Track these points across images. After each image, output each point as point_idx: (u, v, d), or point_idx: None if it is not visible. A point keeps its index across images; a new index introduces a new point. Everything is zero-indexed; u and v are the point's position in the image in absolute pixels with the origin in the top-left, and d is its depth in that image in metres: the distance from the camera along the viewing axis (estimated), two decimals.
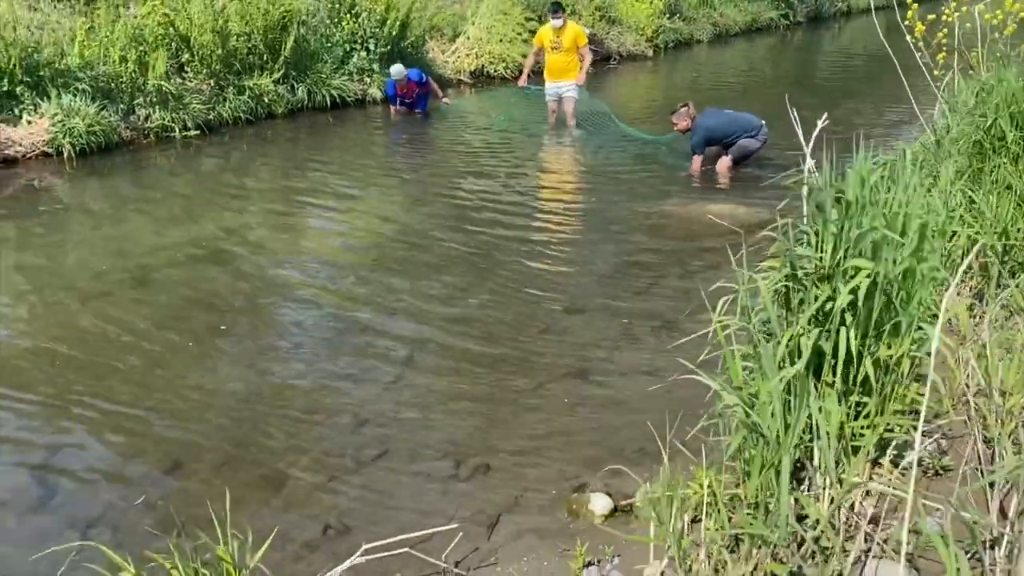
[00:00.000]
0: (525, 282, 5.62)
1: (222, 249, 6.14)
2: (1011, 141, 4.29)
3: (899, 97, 11.11)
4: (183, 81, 9.25)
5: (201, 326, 5.00)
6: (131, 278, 5.64)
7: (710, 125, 7.73)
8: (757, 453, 2.58)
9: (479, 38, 12.50)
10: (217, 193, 7.46)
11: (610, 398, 4.25)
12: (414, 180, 8.07)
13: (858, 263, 2.51)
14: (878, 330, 2.67)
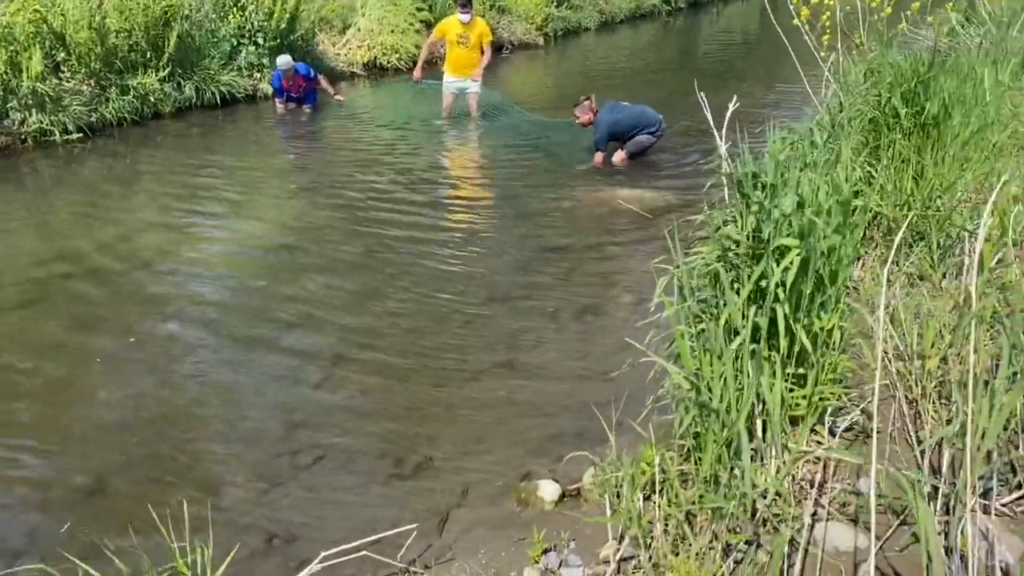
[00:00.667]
0: (440, 277, 5.57)
1: (110, 262, 5.76)
2: (904, 117, 4.54)
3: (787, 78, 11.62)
4: (60, 82, 8.73)
5: (100, 343, 4.74)
6: (14, 296, 5.29)
7: (613, 120, 7.78)
8: (708, 429, 2.66)
9: (370, 29, 12.31)
10: (100, 202, 6.98)
11: (543, 386, 4.28)
12: (309, 180, 7.75)
13: (787, 242, 2.61)
14: (809, 304, 2.79)
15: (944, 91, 4.51)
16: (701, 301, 2.93)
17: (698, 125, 9.54)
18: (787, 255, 2.59)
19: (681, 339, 2.70)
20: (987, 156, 4.69)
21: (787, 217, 2.54)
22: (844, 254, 2.66)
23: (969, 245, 3.90)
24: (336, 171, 7.95)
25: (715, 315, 2.82)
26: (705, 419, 2.64)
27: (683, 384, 2.72)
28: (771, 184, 2.65)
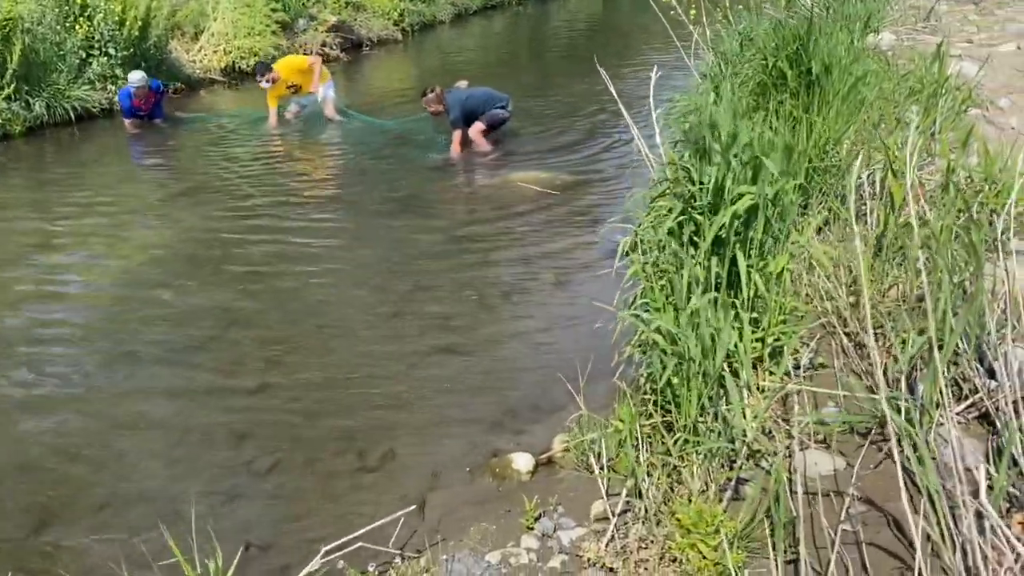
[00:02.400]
0: (353, 275, 5.48)
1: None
2: (791, 79, 4.85)
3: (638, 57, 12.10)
4: None
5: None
6: None
7: (464, 98, 7.77)
8: (685, 378, 2.79)
9: (224, 33, 11.86)
10: None
11: (488, 364, 4.33)
12: (172, 197, 7.25)
13: (743, 189, 2.78)
14: (761, 249, 2.97)
15: (823, 53, 4.84)
16: (668, 255, 3.05)
17: (555, 107, 9.80)
18: (742, 201, 2.74)
19: (652, 293, 2.81)
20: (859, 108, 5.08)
21: (746, 165, 2.69)
22: (790, 199, 2.84)
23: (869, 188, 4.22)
24: (203, 186, 7.51)
25: (678, 269, 2.95)
26: (681, 369, 2.76)
27: (657, 338, 2.83)
28: (729, 134, 2.79)
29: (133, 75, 8.95)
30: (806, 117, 4.77)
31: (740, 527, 2.43)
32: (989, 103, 6.15)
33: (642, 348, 3.05)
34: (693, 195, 3.00)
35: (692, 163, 3.09)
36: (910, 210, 3.12)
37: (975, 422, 2.75)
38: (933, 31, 9.68)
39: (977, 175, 3.98)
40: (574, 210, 6.37)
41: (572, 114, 9.41)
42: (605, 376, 3.86)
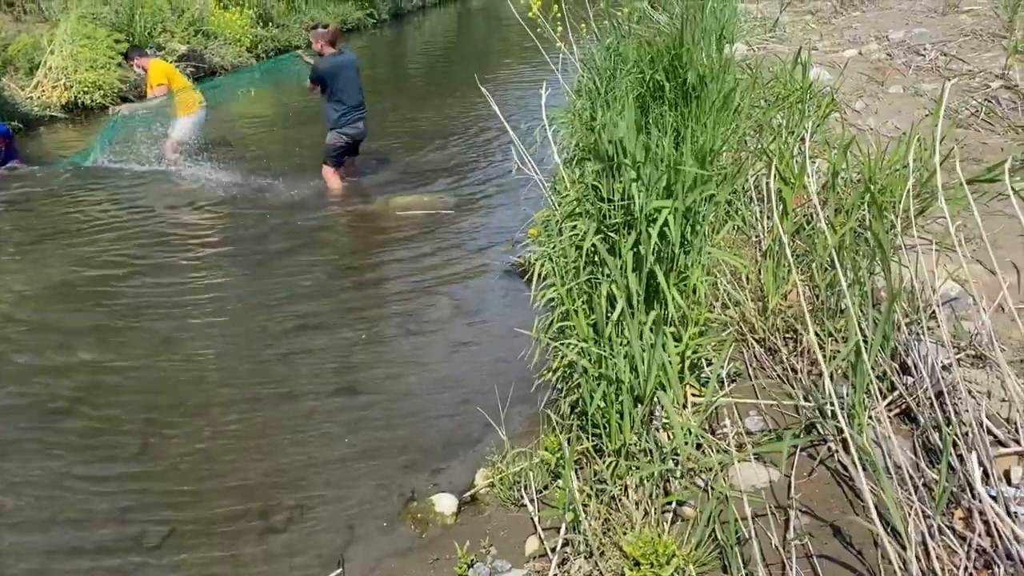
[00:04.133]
0: (231, 322, 5.08)
1: None
2: (668, 91, 4.90)
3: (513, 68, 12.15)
4: None
5: None
6: None
7: (339, 70, 6.90)
8: (611, 401, 2.69)
9: (64, 67, 11.06)
10: None
11: (391, 403, 4.11)
12: (28, 244, 6.59)
13: (660, 204, 2.72)
14: (675, 263, 2.92)
15: (696, 64, 4.93)
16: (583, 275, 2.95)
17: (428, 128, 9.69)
18: (658, 216, 2.68)
19: (576, 317, 2.70)
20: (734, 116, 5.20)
21: (659, 179, 2.63)
22: (704, 209, 2.81)
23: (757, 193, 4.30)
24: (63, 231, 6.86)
25: (594, 289, 2.86)
26: (610, 391, 2.67)
27: (582, 360, 2.72)
28: (641, 148, 2.73)
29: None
30: (689, 127, 4.84)
31: (689, 553, 2.34)
32: (845, 106, 6.46)
33: (563, 372, 2.94)
34: (605, 213, 2.93)
35: (599, 180, 3.02)
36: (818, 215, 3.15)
37: (896, 419, 2.78)
38: (780, 40, 10.19)
39: (856, 176, 4.12)
40: (462, 233, 6.24)
41: (447, 135, 9.31)
42: (519, 404, 3.75)
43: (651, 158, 2.74)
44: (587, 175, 3.22)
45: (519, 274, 5.34)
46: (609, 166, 3.01)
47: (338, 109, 6.90)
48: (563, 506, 2.59)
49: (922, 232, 3.77)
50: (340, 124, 6.93)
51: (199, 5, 14.13)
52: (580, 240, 3.04)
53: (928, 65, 7.87)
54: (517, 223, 6.34)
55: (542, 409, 3.11)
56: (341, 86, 6.87)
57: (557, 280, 2.89)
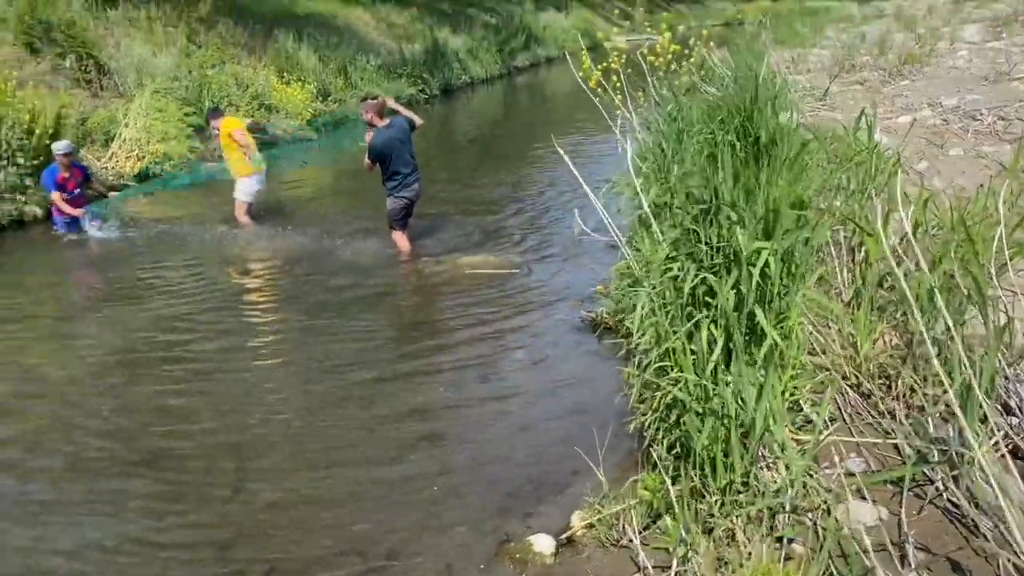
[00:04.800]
0: (310, 372, 5.22)
1: None
2: (739, 149, 5.03)
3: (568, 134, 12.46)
4: None
5: None
6: None
7: (391, 143, 7.16)
8: (717, 439, 2.74)
9: (137, 139, 11.58)
10: None
11: (475, 449, 4.18)
12: (104, 302, 6.88)
13: (760, 245, 2.81)
14: (773, 305, 3.00)
15: (767, 124, 5.07)
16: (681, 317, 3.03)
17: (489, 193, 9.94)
18: (759, 257, 2.77)
19: (681, 356, 2.77)
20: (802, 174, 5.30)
21: (760, 220, 2.73)
22: (803, 252, 2.89)
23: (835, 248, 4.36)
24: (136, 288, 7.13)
25: (696, 330, 2.93)
26: (717, 429, 2.72)
27: (685, 398, 2.78)
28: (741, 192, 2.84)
29: (58, 144, 8.65)
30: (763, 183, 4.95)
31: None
32: (909, 167, 6.54)
33: (663, 412, 3.00)
34: (702, 256, 3.03)
35: (697, 224, 3.13)
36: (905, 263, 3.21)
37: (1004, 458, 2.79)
38: (831, 108, 10.36)
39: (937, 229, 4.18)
40: (529, 291, 6.36)
41: (505, 199, 9.55)
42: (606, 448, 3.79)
43: (750, 202, 2.85)
44: (681, 221, 3.34)
45: (591, 328, 5.43)
46: (706, 211, 3.11)
47: (395, 178, 7.19)
48: (674, 542, 2.62)
49: (1006, 282, 3.81)
50: (398, 190, 7.20)
51: (262, 80, 14.75)
52: (681, 282, 3.13)
53: (986, 129, 7.95)
54: (582, 280, 6.46)
55: (639, 449, 3.15)
56: (395, 157, 7.18)
57: (659, 320, 2.97)
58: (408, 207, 7.36)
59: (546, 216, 8.73)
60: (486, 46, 27.44)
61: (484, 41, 27.70)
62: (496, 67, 27.33)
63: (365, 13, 23.92)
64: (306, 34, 18.02)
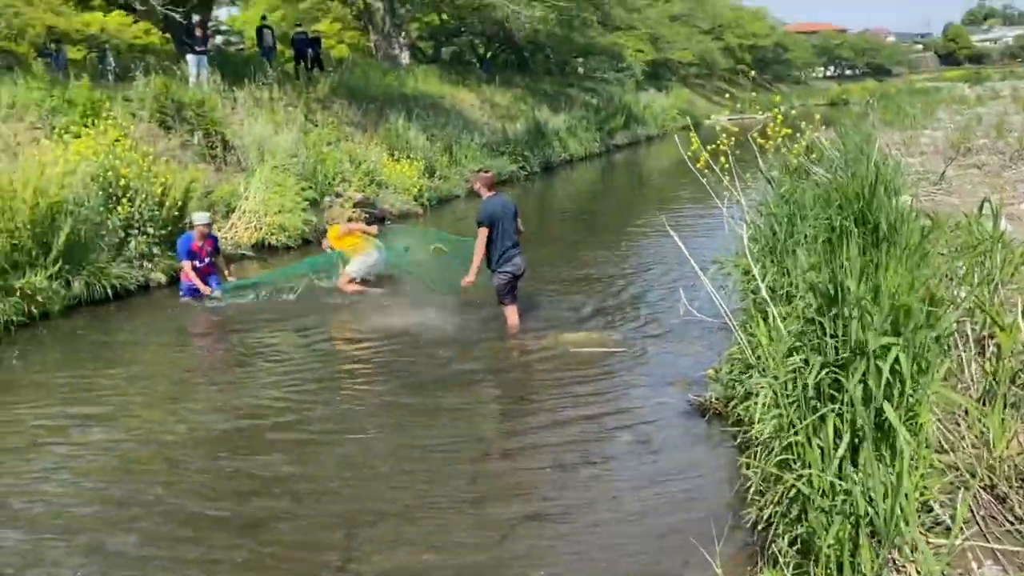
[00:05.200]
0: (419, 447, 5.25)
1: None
2: (857, 236, 4.94)
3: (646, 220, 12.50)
4: None
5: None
6: None
7: (499, 214, 7.40)
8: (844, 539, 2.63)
9: (256, 211, 12.22)
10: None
11: (581, 534, 4.11)
12: (215, 369, 7.20)
13: (886, 340, 2.74)
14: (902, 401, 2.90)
15: (887, 210, 4.97)
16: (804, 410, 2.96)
17: (587, 270, 9.99)
18: (888, 353, 2.70)
19: (806, 449, 2.70)
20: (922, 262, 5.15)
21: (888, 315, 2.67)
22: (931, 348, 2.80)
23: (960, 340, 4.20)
24: (247, 358, 7.39)
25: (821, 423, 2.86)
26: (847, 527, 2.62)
27: (810, 491, 2.70)
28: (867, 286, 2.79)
29: (197, 215, 9.28)
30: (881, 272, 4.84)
31: None
32: None
33: (786, 506, 2.91)
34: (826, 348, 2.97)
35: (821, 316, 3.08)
36: None
37: None
38: (948, 193, 10.06)
39: None
40: (633, 371, 6.32)
41: (607, 276, 9.61)
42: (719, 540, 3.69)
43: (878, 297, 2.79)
44: (805, 310, 3.29)
45: (699, 412, 5.34)
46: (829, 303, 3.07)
47: (498, 249, 7.33)
48: None
49: None
50: (500, 263, 7.33)
51: (374, 157, 15.40)
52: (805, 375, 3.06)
53: None
54: (688, 362, 6.38)
55: (756, 543, 3.05)
56: (500, 228, 7.32)
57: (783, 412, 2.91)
58: (513, 281, 7.47)
59: (649, 294, 8.71)
60: (586, 125, 28.00)
61: (584, 120, 28.26)
62: (595, 145, 27.81)
63: (470, 94, 24.84)
64: (415, 114, 18.80)
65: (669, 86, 46.44)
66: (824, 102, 58.48)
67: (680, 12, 49.12)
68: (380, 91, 19.80)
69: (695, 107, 43.98)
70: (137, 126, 12.38)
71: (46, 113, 11.60)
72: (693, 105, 44.68)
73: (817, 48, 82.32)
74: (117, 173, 10.08)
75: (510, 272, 7.39)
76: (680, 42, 47.40)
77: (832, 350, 2.94)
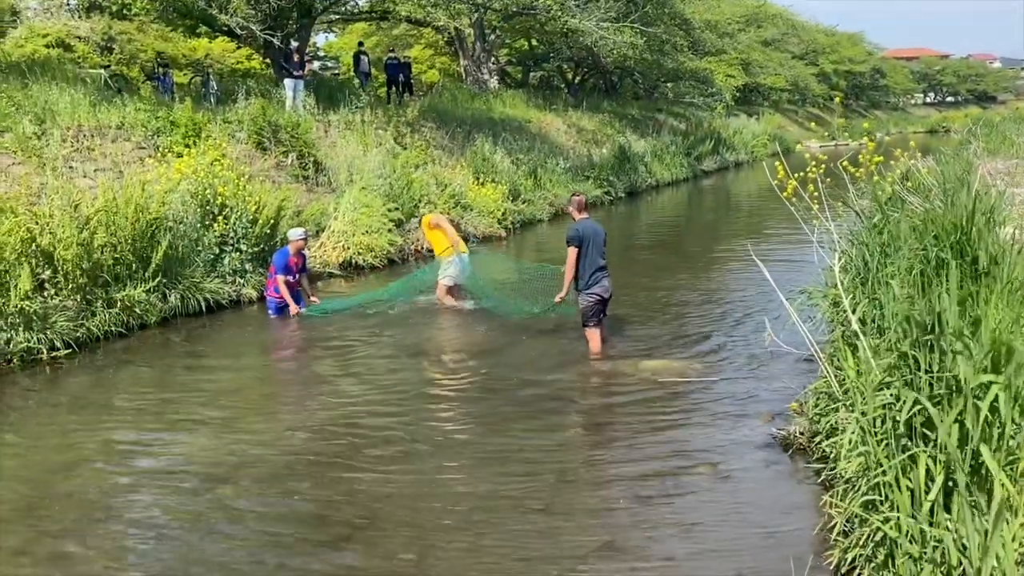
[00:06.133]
0: (495, 464, 5.30)
1: (83, 489, 5.22)
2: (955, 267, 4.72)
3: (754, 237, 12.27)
4: (45, 299, 8.46)
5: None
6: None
7: (590, 235, 7.46)
8: None
9: (344, 231, 12.51)
10: (78, 426, 6.31)
11: (657, 568, 4.02)
12: (306, 383, 7.39)
13: (986, 378, 2.59)
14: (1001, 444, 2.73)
15: (987, 243, 4.74)
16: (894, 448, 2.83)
17: (669, 296, 9.84)
18: (987, 392, 2.55)
19: (895, 491, 2.57)
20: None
21: (987, 351, 2.53)
22: None
23: None
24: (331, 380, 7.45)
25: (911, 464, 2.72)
26: None
27: (897, 536, 2.57)
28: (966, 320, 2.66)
29: (294, 231, 9.63)
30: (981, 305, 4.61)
31: None
32: None
33: (872, 549, 2.77)
34: (919, 384, 2.83)
35: (916, 351, 2.94)
36: None
37: None
38: None
39: None
40: (714, 402, 6.17)
41: (690, 304, 9.47)
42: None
43: (978, 332, 2.65)
44: (897, 343, 3.14)
45: (782, 447, 5.17)
46: (924, 335, 2.93)
47: (587, 271, 7.31)
48: None
49: None
50: (589, 285, 7.31)
51: (460, 181, 15.59)
52: (896, 411, 2.93)
53: None
54: (771, 394, 6.20)
55: None
56: (588, 249, 7.34)
57: (871, 449, 2.78)
58: (600, 304, 7.46)
59: (732, 323, 8.52)
60: (673, 150, 27.75)
61: (671, 145, 28.02)
62: (682, 170, 27.52)
63: (557, 118, 24.94)
64: (501, 138, 18.99)
65: (760, 112, 45.68)
66: (922, 130, 56.60)
67: (772, 37, 48.34)
68: (468, 115, 20.08)
69: (786, 133, 43.14)
70: (235, 147, 12.86)
71: (151, 133, 12.16)
72: (784, 131, 43.84)
73: (917, 74, 79.89)
74: (214, 191, 10.49)
75: (598, 294, 7.39)
76: (772, 67, 46.64)
77: (927, 386, 2.80)
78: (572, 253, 7.37)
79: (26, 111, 11.23)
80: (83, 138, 11.27)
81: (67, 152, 10.78)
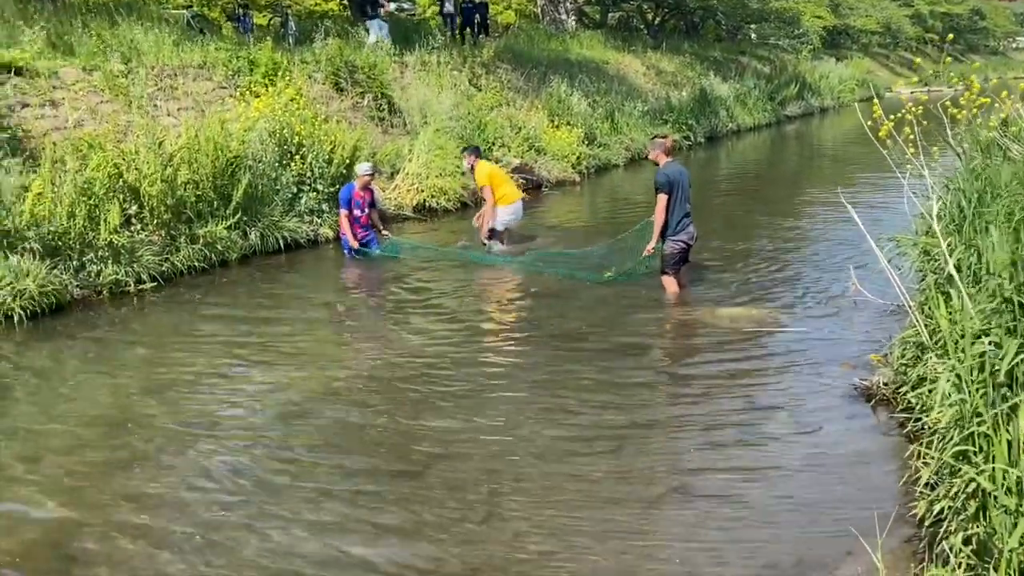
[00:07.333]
0: (565, 407, 5.27)
1: (167, 417, 5.45)
2: None
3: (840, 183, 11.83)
4: (131, 233, 8.73)
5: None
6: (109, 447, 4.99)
7: (676, 179, 7.29)
8: None
9: (418, 173, 12.51)
10: (166, 355, 6.57)
11: (728, 512, 3.96)
12: (376, 321, 7.49)
13: None
14: None
15: None
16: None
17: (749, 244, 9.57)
18: None
19: (996, 443, 2.44)
20: None
21: None
22: None
23: None
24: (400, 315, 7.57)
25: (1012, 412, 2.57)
26: None
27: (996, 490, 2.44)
28: None
29: (361, 165, 9.75)
30: None
31: None
32: None
33: (962, 501, 2.65)
34: None
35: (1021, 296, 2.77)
36: None
37: None
38: None
39: None
40: (792, 351, 6.00)
41: (769, 251, 9.21)
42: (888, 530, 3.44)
43: None
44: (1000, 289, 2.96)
45: (864, 397, 5.01)
46: None
47: (675, 217, 7.14)
48: None
49: None
50: (676, 232, 7.15)
51: (534, 123, 15.39)
52: (995, 359, 2.77)
53: None
54: (854, 345, 6.00)
55: (923, 539, 2.81)
56: (677, 196, 7.12)
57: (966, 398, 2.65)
58: (684, 251, 7.32)
59: (815, 271, 8.26)
60: (756, 94, 26.84)
61: (755, 89, 27.10)
62: (765, 115, 26.64)
63: (635, 60, 24.33)
64: (578, 80, 18.63)
65: (848, 55, 43.72)
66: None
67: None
68: (544, 56, 19.73)
69: (876, 78, 41.17)
70: (312, 87, 12.91)
71: (232, 73, 12.29)
72: (874, 76, 41.87)
73: (1020, 16, 75.04)
74: (292, 131, 10.59)
75: (684, 241, 7.27)
76: (863, 8, 44.48)
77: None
78: (662, 200, 7.19)
79: (113, 50, 11.48)
80: (166, 77, 11.46)
81: (151, 91, 10.99)
